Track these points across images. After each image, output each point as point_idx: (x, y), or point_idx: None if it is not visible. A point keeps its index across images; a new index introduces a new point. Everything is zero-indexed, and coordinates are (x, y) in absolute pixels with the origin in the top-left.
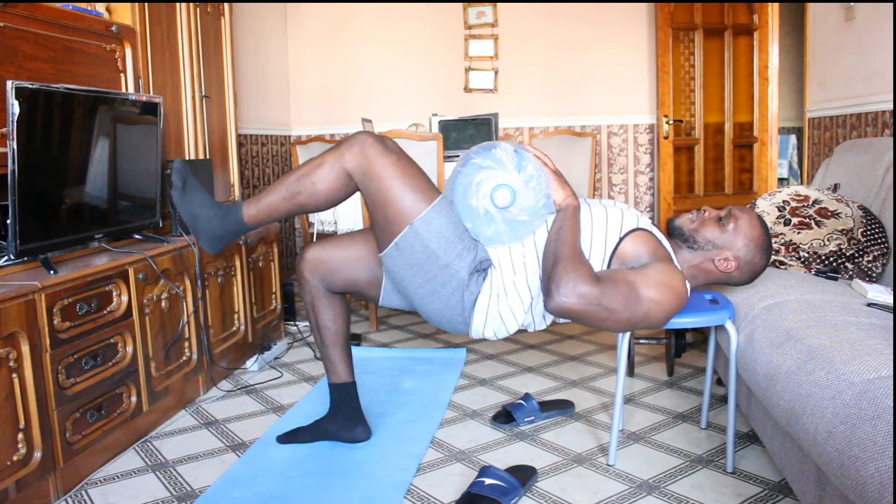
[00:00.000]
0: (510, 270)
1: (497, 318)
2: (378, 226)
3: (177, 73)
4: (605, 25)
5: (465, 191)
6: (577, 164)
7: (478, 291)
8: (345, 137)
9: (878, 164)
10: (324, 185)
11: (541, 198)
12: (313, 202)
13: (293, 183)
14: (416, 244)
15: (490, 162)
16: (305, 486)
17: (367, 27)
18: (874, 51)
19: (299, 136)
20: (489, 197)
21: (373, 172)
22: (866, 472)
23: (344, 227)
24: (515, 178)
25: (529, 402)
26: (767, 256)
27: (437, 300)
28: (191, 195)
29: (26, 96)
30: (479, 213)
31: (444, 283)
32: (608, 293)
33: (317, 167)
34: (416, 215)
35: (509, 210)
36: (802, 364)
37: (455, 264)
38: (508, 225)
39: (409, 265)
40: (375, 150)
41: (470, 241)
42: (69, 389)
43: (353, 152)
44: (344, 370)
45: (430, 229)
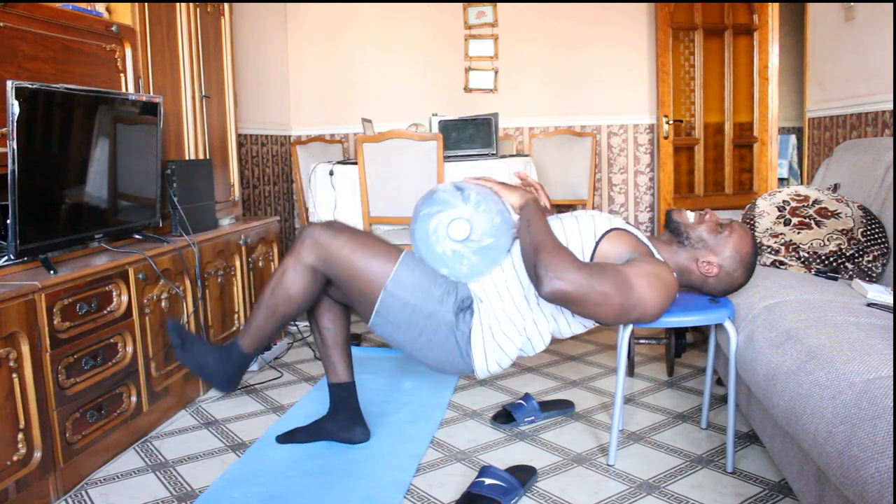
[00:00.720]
0: (497, 298)
1: (496, 349)
2: (356, 301)
3: (177, 73)
4: (605, 25)
5: (426, 243)
6: (577, 164)
7: (468, 329)
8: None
9: (878, 164)
10: (296, 289)
11: (494, 217)
12: (295, 307)
13: (269, 299)
14: (395, 305)
15: (436, 206)
16: (305, 486)
17: (367, 27)
18: (874, 51)
19: (299, 136)
20: (448, 237)
21: (332, 256)
22: (866, 472)
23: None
24: (464, 210)
25: (529, 402)
26: (748, 275)
27: (434, 349)
28: (192, 348)
29: (26, 96)
30: (447, 256)
31: (435, 330)
32: (598, 276)
33: (282, 276)
34: (386, 278)
35: (471, 240)
36: (802, 364)
37: (439, 311)
38: (479, 254)
39: (397, 326)
40: (326, 236)
41: (447, 285)
42: (69, 389)
43: (307, 247)
44: (344, 370)
45: (403, 286)
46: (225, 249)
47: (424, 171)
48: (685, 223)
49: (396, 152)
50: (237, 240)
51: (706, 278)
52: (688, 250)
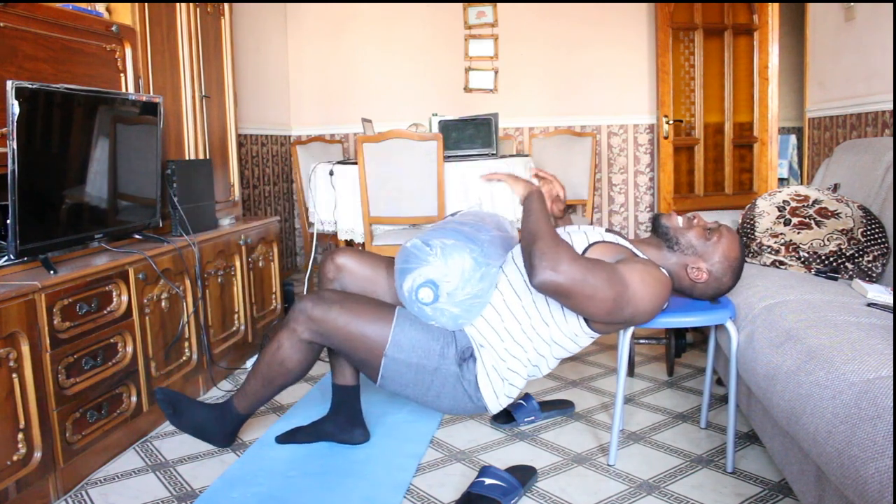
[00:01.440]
0: (497, 339)
1: (505, 386)
2: (359, 365)
3: (177, 73)
4: (605, 25)
5: (407, 301)
6: (577, 164)
7: (474, 376)
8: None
9: (878, 164)
10: (292, 362)
11: (466, 264)
12: (291, 378)
13: (264, 370)
14: (399, 368)
15: (410, 263)
16: (305, 486)
17: (367, 27)
18: (874, 51)
19: (299, 136)
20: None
21: (328, 330)
22: (866, 472)
23: (344, 227)
24: (434, 265)
25: (529, 402)
26: (735, 280)
27: (445, 399)
28: (185, 414)
29: (26, 96)
30: (427, 313)
31: (442, 383)
32: (591, 269)
33: (277, 350)
34: (385, 344)
35: (440, 300)
36: (802, 364)
37: (443, 365)
38: (460, 306)
39: (404, 385)
40: (319, 310)
41: (444, 337)
42: (69, 389)
43: (301, 323)
44: (351, 374)
45: (402, 350)
46: (225, 249)
47: (424, 171)
48: (674, 227)
49: (396, 152)
50: (237, 240)
51: (695, 283)
52: (677, 255)
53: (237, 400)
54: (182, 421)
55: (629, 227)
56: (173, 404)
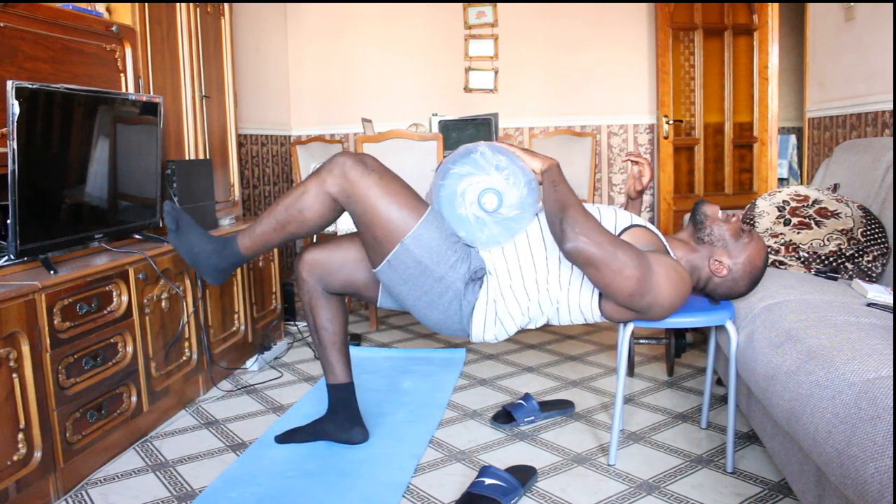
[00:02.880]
0: (506, 276)
1: (496, 323)
2: (368, 244)
3: (177, 73)
4: (605, 25)
5: (451, 202)
6: (577, 164)
7: (475, 300)
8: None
9: (878, 164)
10: (311, 212)
11: (523, 189)
12: (304, 230)
13: (281, 213)
14: (408, 261)
15: (469, 168)
16: (303, 486)
17: (367, 27)
18: (874, 51)
19: (299, 136)
20: (477, 204)
21: (356, 194)
22: (866, 472)
23: (343, 227)
24: (497, 179)
25: (529, 402)
26: (750, 287)
27: (435, 310)
28: (186, 234)
29: (26, 96)
30: (469, 220)
31: (441, 294)
32: (621, 246)
33: (301, 195)
34: (406, 233)
35: (499, 212)
36: (802, 364)
37: (449, 276)
38: (501, 225)
39: (404, 280)
40: (356, 172)
41: (462, 251)
42: (69, 389)
43: (334, 176)
44: (342, 371)
45: (420, 245)
46: None
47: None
48: (713, 217)
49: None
50: None
51: (712, 276)
52: (706, 246)
53: (241, 238)
54: (180, 240)
55: None
56: (178, 221)
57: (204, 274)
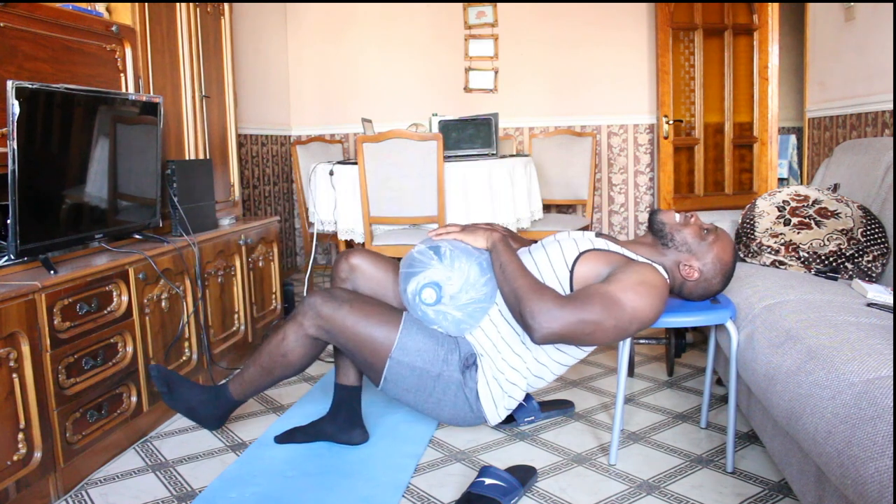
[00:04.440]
0: (494, 350)
1: (504, 397)
2: (362, 367)
3: (177, 73)
4: (605, 25)
5: (410, 305)
6: (577, 164)
7: (475, 384)
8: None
9: (878, 164)
10: (294, 355)
11: (470, 271)
12: (290, 371)
13: (266, 360)
14: (402, 371)
15: (414, 267)
16: (303, 485)
17: (367, 27)
18: (874, 51)
19: (299, 136)
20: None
21: (335, 328)
22: (866, 472)
23: (344, 227)
24: (437, 269)
25: (529, 402)
26: (724, 284)
27: (445, 407)
28: (179, 392)
29: (26, 96)
30: (430, 316)
31: (444, 390)
32: (584, 307)
33: (281, 341)
34: (391, 347)
35: (444, 301)
36: (802, 364)
37: (446, 371)
38: (462, 310)
39: (407, 390)
40: (329, 307)
41: (449, 343)
42: (69, 389)
43: (309, 318)
44: (354, 374)
45: (408, 353)
46: (225, 249)
47: (424, 171)
48: (671, 224)
49: (396, 152)
50: (237, 240)
51: (685, 281)
52: (671, 252)
53: (233, 385)
54: (176, 400)
55: (629, 227)
56: (168, 382)
57: (204, 425)
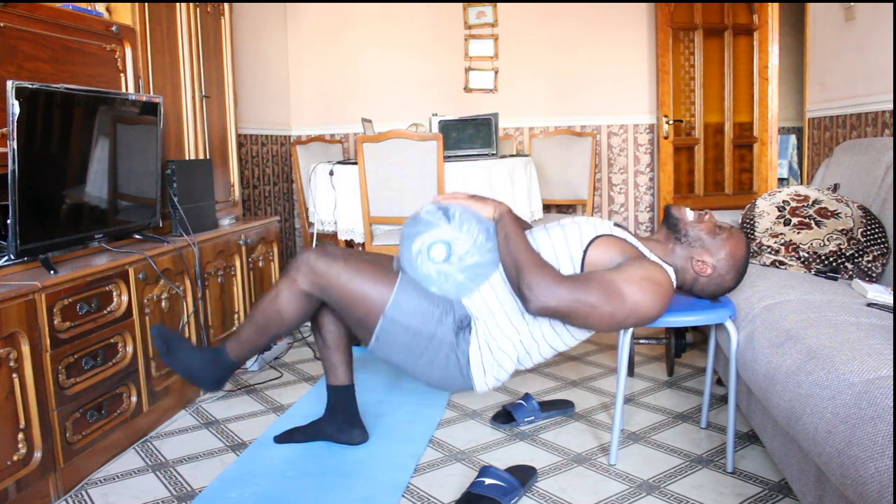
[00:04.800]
0: (489, 314)
1: (494, 365)
2: (353, 325)
3: (177, 73)
4: (605, 25)
5: (411, 263)
6: (577, 164)
7: (468, 347)
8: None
9: (878, 164)
10: (288, 312)
11: (478, 235)
12: (286, 328)
13: (260, 318)
14: (395, 330)
15: (420, 227)
16: (303, 485)
17: (367, 27)
18: (874, 51)
19: (299, 136)
20: (429, 259)
21: (328, 284)
22: (866, 472)
23: (344, 227)
24: (446, 230)
25: (529, 402)
26: (737, 280)
27: (435, 369)
28: (177, 353)
29: (26, 96)
30: (433, 276)
31: (436, 351)
32: (582, 288)
33: (275, 298)
34: (385, 305)
35: (451, 261)
36: (802, 364)
37: (439, 332)
38: (466, 272)
39: (398, 350)
40: (322, 263)
41: (444, 304)
42: (69, 389)
43: (303, 273)
44: (344, 373)
45: (403, 311)
46: (225, 249)
47: (424, 171)
48: (684, 220)
49: (396, 152)
50: (237, 240)
51: (698, 277)
52: (684, 248)
53: (230, 346)
54: (174, 360)
55: (629, 227)
56: (167, 342)
57: (203, 385)
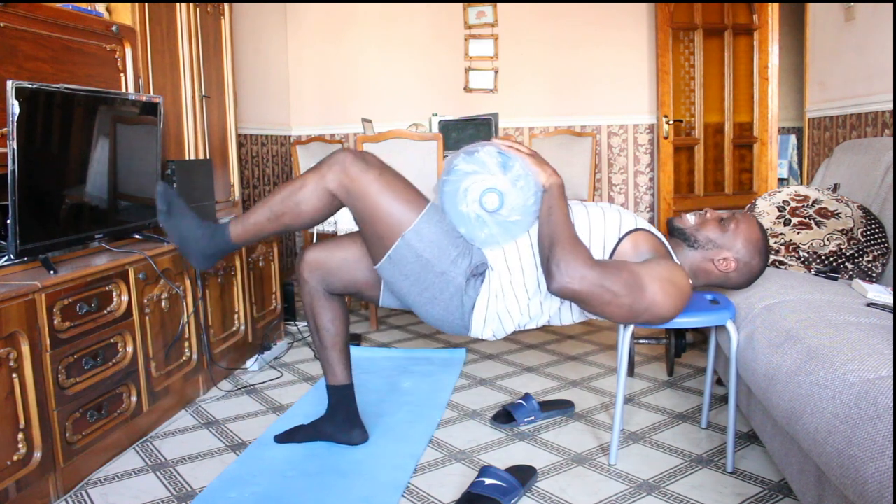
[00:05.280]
0: (506, 271)
1: (496, 319)
2: (369, 240)
3: (177, 73)
4: (605, 25)
5: (453, 198)
6: (577, 164)
7: (476, 295)
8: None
9: (878, 164)
10: (307, 205)
11: (529, 196)
12: (298, 222)
13: (277, 204)
14: (409, 255)
15: (475, 166)
16: (302, 485)
17: (367, 27)
18: (874, 51)
19: (299, 136)
20: (478, 202)
21: (357, 190)
22: (866, 472)
23: (344, 227)
24: (502, 180)
25: (529, 402)
26: (765, 260)
27: (437, 306)
28: (177, 217)
29: (26, 96)
30: (470, 218)
31: (442, 289)
32: (610, 276)
33: (299, 188)
34: (406, 227)
35: (500, 212)
36: (802, 364)
37: (451, 271)
38: (501, 226)
39: (405, 276)
40: (357, 168)
41: (464, 246)
42: (69, 389)
43: (335, 172)
44: (342, 372)
45: (421, 239)
46: None
47: (424, 171)
48: (688, 228)
49: (396, 152)
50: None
51: (727, 274)
52: (700, 252)
53: (234, 226)
54: (170, 223)
55: None
56: (169, 203)
57: (191, 259)
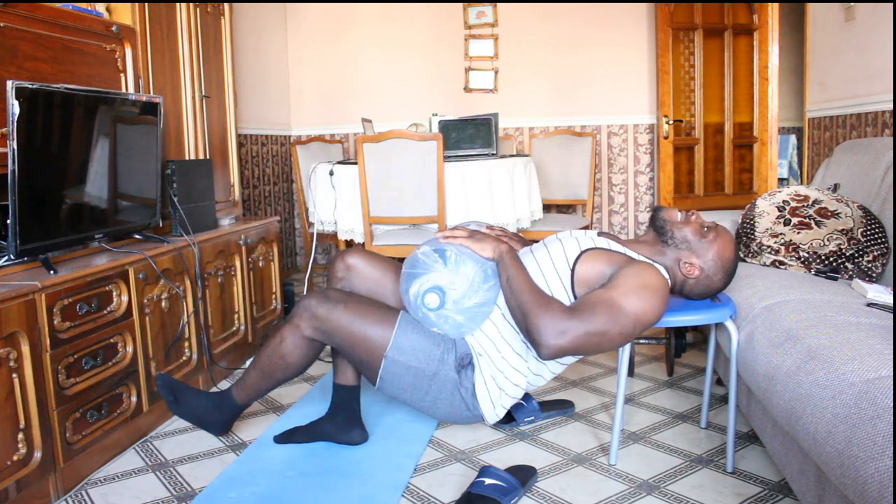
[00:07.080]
0: (494, 350)
1: (502, 396)
2: (359, 365)
3: (177, 73)
4: (605, 25)
5: (411, 306)
6: (577, 164)
7: (472, 384)
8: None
9: (878, 164)
10: (292, 357)
11: (475, 276)
12: (291, 372)
13: (265, 363)
14: (398, 370)
15: (417, 269)
16: (302, 485)
17: (367, 27)
18: (874, 51)
19: (299, 136)
20: (423, 305)
21: (330, 328)
22: (866, 472)
23: (344, 227)
24: (442, 273)
25: (529, 402)
26: (726, 281)
27: (441, 406)
28: (184, 401)
29: (26, 96)
30: (431, 318)
31: (440, 389)
32: (589, 319)
33: (279, 344)
34: (386, 346)
35: (446, 307)
36: (802, 364)
37: (441, 370)
38: (465, 314)
39: (403, 388)
40: (324, 309)
41: (445, 343)
42: (69, 389)
43: (305, 319)
44: (352, 374)
45: (403, 352)
46: (225, 249)
47: (424, 171)
48: (672, 221)
49: (396, 152)
50: (237, 240)
51: (686, 279)
52: (671, 250)
53: (236, 391)
54: (182, 408)
55: (629, 228)
56: (174, 391)
57: (211, 431)
